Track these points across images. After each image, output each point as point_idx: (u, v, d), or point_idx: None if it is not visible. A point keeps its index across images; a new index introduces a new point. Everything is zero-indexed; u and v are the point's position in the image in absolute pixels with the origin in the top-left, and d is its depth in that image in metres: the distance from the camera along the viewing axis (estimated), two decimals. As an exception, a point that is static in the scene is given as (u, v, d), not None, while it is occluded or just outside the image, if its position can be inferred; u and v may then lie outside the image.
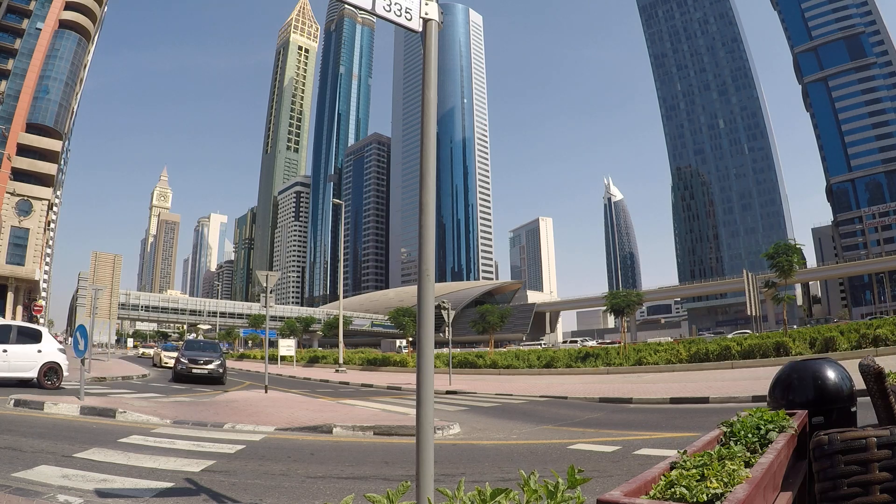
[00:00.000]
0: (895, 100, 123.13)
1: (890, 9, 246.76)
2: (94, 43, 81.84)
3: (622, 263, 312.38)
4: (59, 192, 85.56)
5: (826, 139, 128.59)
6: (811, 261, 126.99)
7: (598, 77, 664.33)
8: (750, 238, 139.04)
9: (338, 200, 66.37)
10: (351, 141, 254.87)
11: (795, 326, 49.55)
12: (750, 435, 2.15)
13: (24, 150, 64.60)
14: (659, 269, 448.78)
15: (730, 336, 43.37)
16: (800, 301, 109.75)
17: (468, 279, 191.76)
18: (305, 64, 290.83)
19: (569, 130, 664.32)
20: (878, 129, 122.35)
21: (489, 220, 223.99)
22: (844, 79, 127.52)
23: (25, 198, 64.26)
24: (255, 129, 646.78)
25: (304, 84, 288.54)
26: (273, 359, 42.56)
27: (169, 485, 5.39)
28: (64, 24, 69.73)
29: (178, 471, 6.02)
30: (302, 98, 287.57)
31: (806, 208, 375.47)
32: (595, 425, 10.33)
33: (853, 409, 3.07)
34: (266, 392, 16.87)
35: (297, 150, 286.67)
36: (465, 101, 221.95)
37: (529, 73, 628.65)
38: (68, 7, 70.12)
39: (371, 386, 23.39)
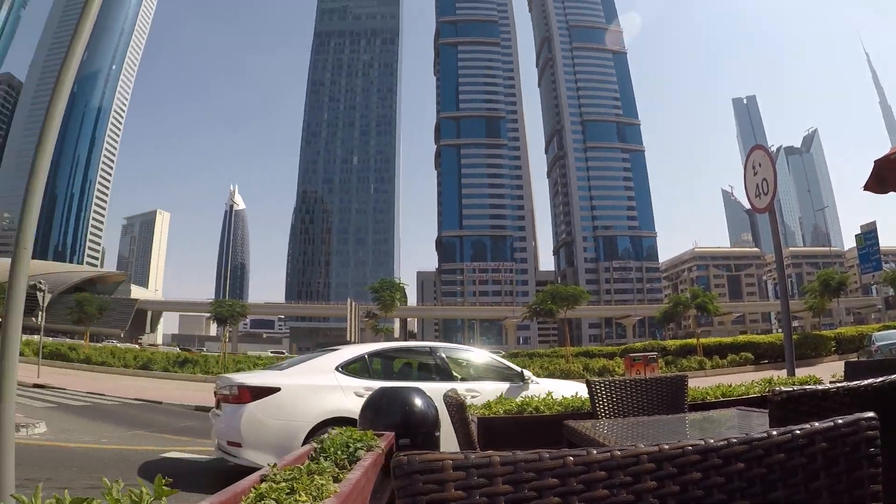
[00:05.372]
0: (513, 178, 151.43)
1: (532, 103, 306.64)
2: None
3: (232, 273, 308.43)
4: None
5: (447, 197, 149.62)
6: (412, 299, 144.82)
7: (258, 85, 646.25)
8: (359, 270, 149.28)
9: None
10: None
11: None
12: (339, 452, 2.27)
13: None
14: (268, 284, 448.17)
15: None
16: (397, 334, 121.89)
17: (72, 262, 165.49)
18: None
19: (212, 126, 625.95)
20: (494, 199, 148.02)
21: (105, 202, 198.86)
22: (475, 150, 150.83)
23: None
24: None
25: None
26: None
27: None
28: None
29: None
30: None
31: (416, 253, 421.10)
32: (191, 433, 10.00)
33: (437, 434, 3.65)
34: None
35: None
36: (115, 67, 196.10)
37: (193, 62, 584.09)
38: None
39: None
